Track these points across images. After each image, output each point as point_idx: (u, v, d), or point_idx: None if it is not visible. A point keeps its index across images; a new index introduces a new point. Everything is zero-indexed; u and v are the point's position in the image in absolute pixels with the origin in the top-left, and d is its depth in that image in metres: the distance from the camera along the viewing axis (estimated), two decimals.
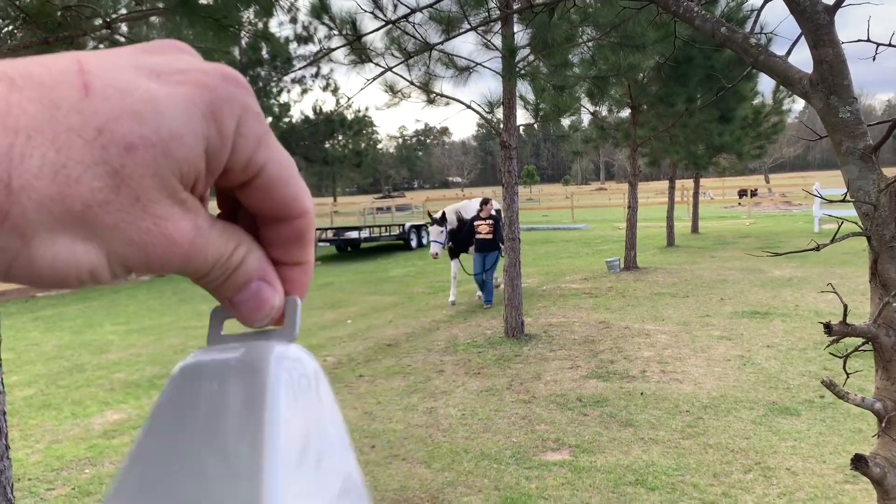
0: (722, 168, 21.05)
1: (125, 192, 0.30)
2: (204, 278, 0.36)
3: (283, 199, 0.37)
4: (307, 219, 0.39)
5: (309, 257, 0.41)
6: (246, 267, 0.37)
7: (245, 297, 0.38)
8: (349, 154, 27.01)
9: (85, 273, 0.31)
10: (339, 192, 52.25)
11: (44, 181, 0.28)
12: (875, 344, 1.64)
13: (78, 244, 0.30)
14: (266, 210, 0.37)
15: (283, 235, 0.39)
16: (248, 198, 0.37)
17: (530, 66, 8.66)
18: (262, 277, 0.38)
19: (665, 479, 4.52)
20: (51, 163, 0.28)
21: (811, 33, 1.58)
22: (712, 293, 10.88)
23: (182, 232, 0.32)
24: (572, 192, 44.27)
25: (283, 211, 0.37)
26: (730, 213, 31.77)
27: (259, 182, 0.35)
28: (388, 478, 4.73)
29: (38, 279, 0.30)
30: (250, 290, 0.38)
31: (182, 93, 0.31)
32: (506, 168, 8.55)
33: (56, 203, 0.28)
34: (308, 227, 0.39)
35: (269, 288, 0.38)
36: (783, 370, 6.65)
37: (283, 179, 0.36)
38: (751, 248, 16.12)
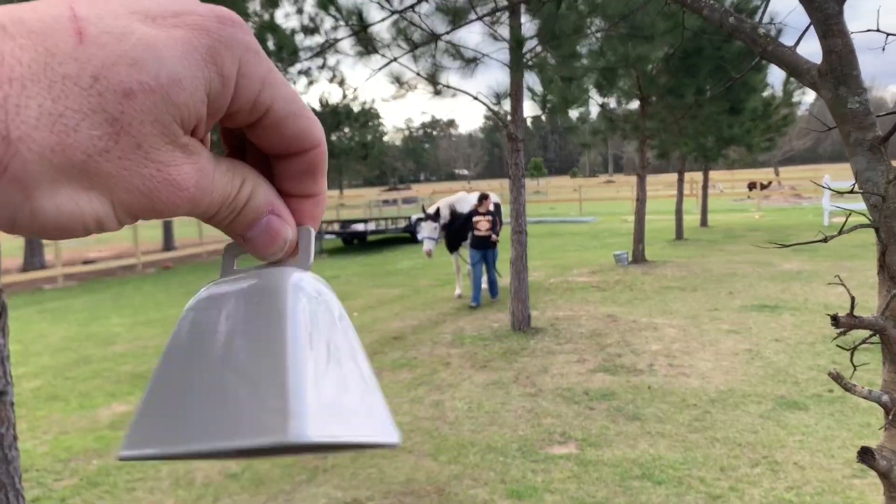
0: (731, 160, 20.95)
1: (125, 140, 0.30)
2: (213, 218, 0.36)
3: (294, 134, 0.36)
4: (320, 150, 0.39)
5: (321, 189, 0.41)
6: (255, 202, 0.37)
7: (257, 232, 0.38)
8: (355, 146, 27.00)
9: (91, 222, 0.30)
10: (346, 185, 52.34)
11: (42, 131, 0.28)
12: (882, 336, 1.62)
13: (81, 194, 0.29)
14: (278, 147, 0.37)
15: (296, 169, 0.39)
16: (258, 137, 0.37)
17: (538, 57, 8.61)
18: (273, 211, 0.38)
19: (672, 473, 4.50)
20: (48, 112, 0.28)
21: (820, 23, 1.56)
22: (721, 287, 10.83)
23: (186, 176, 0.32)
24: (580, 184, 44.14)
25: (296, 146, 0.37)
26: (739, 206, 31.62)
27: (268, 121, 0.35)
28: (394, 470, 4.73)
29: (42, 231, 0.30)
30: (261, 225, 0.38)
31: (180, 36, 0.31)
32: (513, 160, 8.52)
33: (56, 153, 0.28)
34: (321, 159, 0.39)
35: (279, 221, 0.38)
36: (792, 364, 6.61)
37: (293, 115, 0.36)
38: (760, 241, 16.04)
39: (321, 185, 0.41)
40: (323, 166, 0.40)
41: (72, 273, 16.41)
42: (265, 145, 0.37)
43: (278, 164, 0.39)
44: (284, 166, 0.39)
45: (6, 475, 3.54)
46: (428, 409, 5.93)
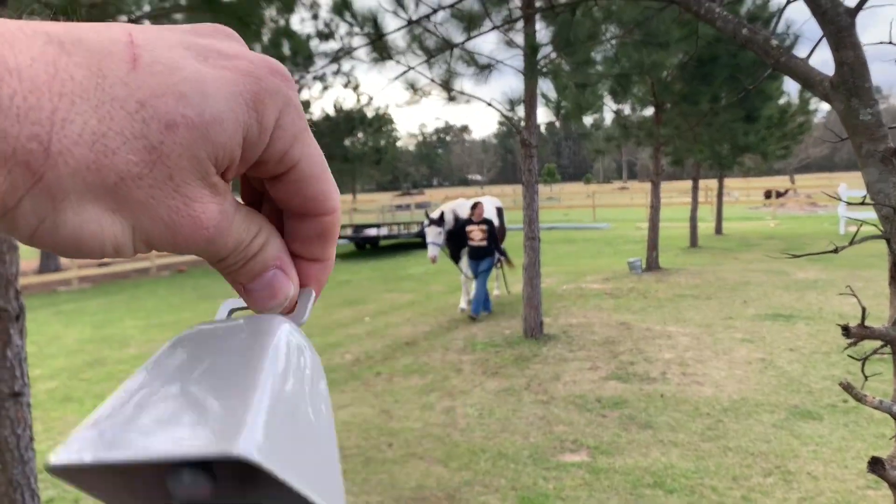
0: (746, 168, 20.85)
1: (160, 169, 0.30)
2: (222, 262, 0.36)
3: (313, 195, 0.37)
4: (334, 217, 0.39)
5: (330, 255, 0.41)
6: (264, 254, 0.37)
7: (260, 285, 0.38)
8: (369, 151, 27.07)
9: (108, 245, 0.31)
10: (359, 190, 52.55)
11: (82, 148, 0.28)
12: (894, 347, 1.61)
13: (106, 215, 0.30)
14: (294, 205, 0.37)
15: (307, 231, 0.39)
16: (278, 191, 0.37)
17: (552, 63, 8.62)
18: (280, 266, 0.38)
19: (684, 482, 4.49)
20: (91, 131, 0.28)
21: (832, 35, 1.56)
22: (735, 295, 10.78)
23: (209, 215, 0.32)
24: (594, 190, 44.07)
25: (312, 207, 0.37)
26: (754, 214, 31.44)
27: (292, 177, 0.35)
28: (405, 476, 4.74)
29: (61, 246, 0.30)
30: (265, 279, 0.38)
31: (228, 78, 0.32)
32: (526, 166, 8.52)
33: (91, 172, 0.28)
34: (333, 226, 0.39)
35: (284, 277, 0.38)
36: (806, 374, 6.57)
37: (316, 176, 0.36)
38: (775, 249, 15.95)
39: (330, 251, 0.41)
40: (335, 233, 0.40)
41: (86, 276, 16.56)
42: (284, 200, 0.37)
43: (292, 223, 0.39)
44: (298, 227, 0.39)
45: (22, 475, 3.58)
46: (439, 415, 5.93)
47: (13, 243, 3.55)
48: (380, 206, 34.99)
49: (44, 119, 0.27)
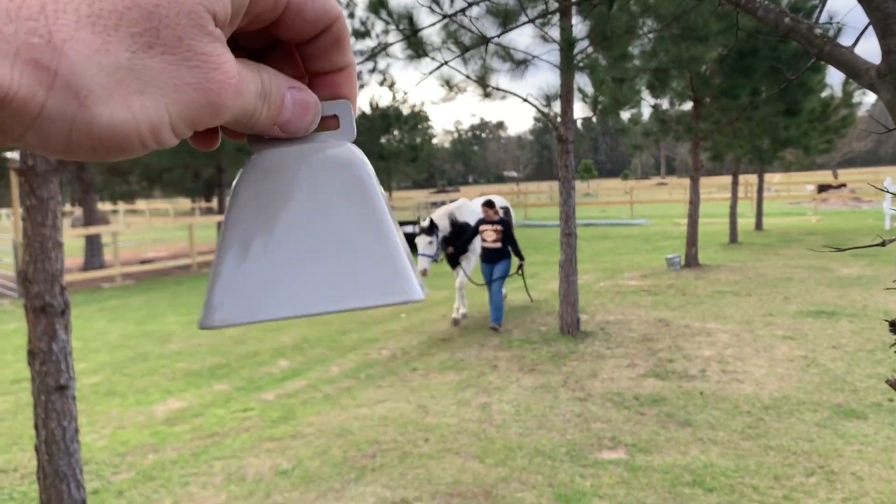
0: (788, 163, 20.42)
1: (166, 33, 0.30)
2: (254, 115, 0.37)
3: (315, 15, 0.38)
4: (340, 21, 0.40)
5: (350, 59, 0.43)
6: (277, 87, 0.38)
7: (288, 110, 0.39)
8: (404, 149, 27.15)
9: (146, 132, 0.31)
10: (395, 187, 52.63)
11: (84, 32, 0.28)
12: None
13: (134, 98, 0.30)
14: (304, 32, 0.39)
15: (323, 45, 0.40)
16: (285, 30, 0.39)
17: (589, 58, 8.54)
18: (292, 87, 0.40)
19: (724, 481, 4.42)
20: (86, 15, 0.28)
21: (879, 23, 1.52)
22: (776, 292, 10.58)
23: (229, 66, 0.33)
24: (631, 186, 43.57)
25: (321, 24, 0.39)
26: (795, 209, 30.83)
27: (292, 11, 0.37)
28: (441, 471, 4.75)
29: (99, 144, 0.30)
30: (289, 103, 0.39)
31: None
32: (562, 162, 8.47)
33: (101, 53, 0.29)
34: (343, 29, 0.41)
35: (301, 92, 0.40)
36: (850, 372, 6.42)
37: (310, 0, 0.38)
38: (817, 245, 15.61)
39: (349, 55, 0.42)
40: (347, 36, 0.41)
41: (129, 272, 16.89)
42: (292, 35, 0.39)
43: (306, 48, 0.41)
44: (312, 48, 0.41)
45: (68, 467, 3.67)
46: (475, 411, 5.93)
47: (58, 240, 3.64)
48: (416, 203, 35.08)
49: (35, 13, 0.27)
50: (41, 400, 3.57)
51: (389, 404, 6.21)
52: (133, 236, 30.46)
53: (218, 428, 5.79)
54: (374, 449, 5.19)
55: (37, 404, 3.60)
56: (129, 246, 25.17)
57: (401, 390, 6.61)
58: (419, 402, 6.22)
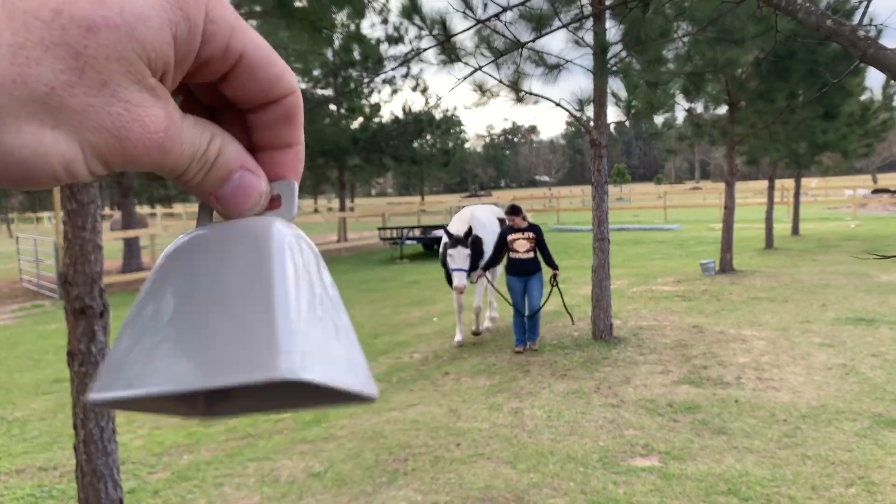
0: (825, 167, 20.06)
1: (90, 75, 0.29)
2: (184, 175, 0.35)
3: (268, 80, 0.36)
4: (295, 97, 0.38)
5: (299, 138, 0.40)
6: (225, 157, 0.36)
7: (230, 188, 0.37)
8: (437, 153, 27.24)
9: (58, 165, 0.30)
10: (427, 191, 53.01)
11: (2, 63, 0.27)
12: None
13: (46, 132, 0.29)
14: (254, 96, 0.37)
15: (272, 117, 0.38)
16: (233, 88, 0.36)
17: (622, 62, 8.49)
18: (244, 166, 0.38)
19: (759, 490, 4.35)
20: (7, 44, 0.28)
21: None
22: (813, 298, 10.39)
23: (156, 119, 0.32)
24: (665, 191, 43.16)
25: (272, 92, 0.37)
26: (833, 214, 30.26)
27: (242, 68, 0.35)
28: (472, 476, 4.74)
29: (4, 170, 0.29)
30: (234, 181, 0.37)
31: None
32: (595, 167, 8.42)
33: (18, 85, 0.28)
34: (296, 106, 0.39)
35: (252, 175, 0.38)
36: (890, 380, 6.28)
37: (265, 61, 0.36)
38: (856, 251, 15.29)
39: (298, 134, 0.40)
40: (299, 114, 0.39)
41: None
42: (241, 96, 0.37)
43: (254, 116, 0.39)
44: (260, 117, 0.38)
45: (105, 466, 3.74)
46: (507, 416, 5.92)
47: (98, 243, 3.71)
48: (447, 207, 35.13)
49: None
50: (80, 400, 3.64)
51: (421, 408, 6.22)
52: (170, 239, 30.75)
53: (252, 430, 5.85)
54: (405, 453, 5.20)
55: (76, 404, 3.67)
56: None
57: (432, 394, 6.62)
58: (451, 407, 6.22)
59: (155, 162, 0.33)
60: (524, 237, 7.93)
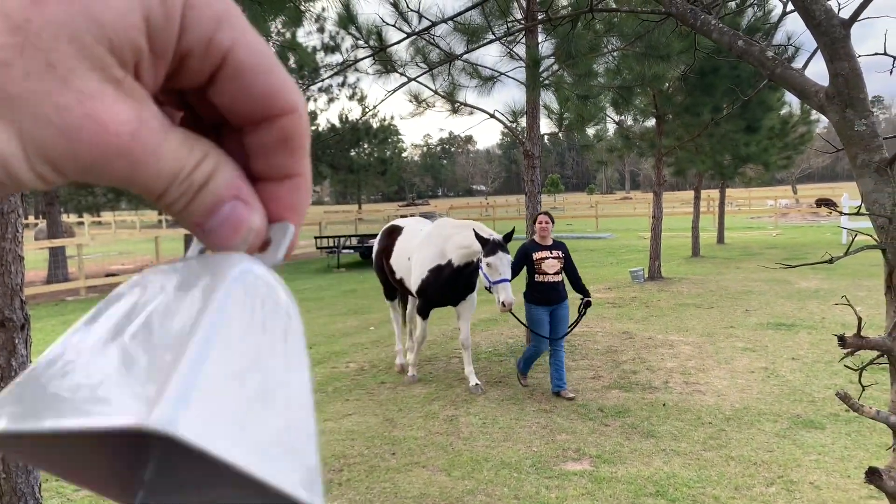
0: (748, 178, 20.86)
1: (33, 54, 0.24)
2: (163, 197, 0.29)
3: (263, 91, 0.30)
4: (296, 118, 0.32)
5: (302, 169, 0.34)
6: (216, 184, 0.31)
7: (218, 221, 0.31)
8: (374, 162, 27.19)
9: None
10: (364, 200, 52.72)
11: None
12: (890, 357, 1.64)
13: None
14: (244, 109, 0.31)
15: (268, 139, 0.32)
16: (223, 95, 0.30)
17: (554, 75, 8.68)
18: (237, 195, 0.31)
19: (686, 491, 4.50)
20: None
21: (827, 47, 1.60)
22: (737, 304, 10.78)
23: (117, 118, 0.26)
24: (597, 201, 44.09)
25: (266, 107, 0.31)
26: (756, 223, 31.44)
27: (230, 70, 0.29)
28: (407, 484, 4.75)
29: None
30: (223, 213, 0.31)
31: None
32: (529, 177, 8.56)
33: None
34: (298, 129, 0.32)
35: (245, 207, 0.32)
36: (808, 383, 6.57)
37: (260, 67, 0.30)
38: (777, 258, 15.94)
39: (301, 163, 0.33)
40: (303, 139, 0.33)
41: (94, 285, 16.62)
42: (229, 106, 0.31)
43: (248, 136, 0.32)
44: (255, 138, 0.32)
45: (26, 484, 3.61)
46: (442, 423, 5.95)
47: (19, 254, 3.59)
48: (385, 216, 35.05)
49: None
50: None
51: (356, 418, 6.19)
52: (98, 249, 29.92)
53: None
54: (340, 463, 5.18)
55: None
56: (95, 258, 24.73)
57: (368, 404, 6.60)
58: (386, 416, 6.22)
59: (121, 174, 0.27)
60: (553, 256, 6.56)
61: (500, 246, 6.15)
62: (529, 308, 6.58)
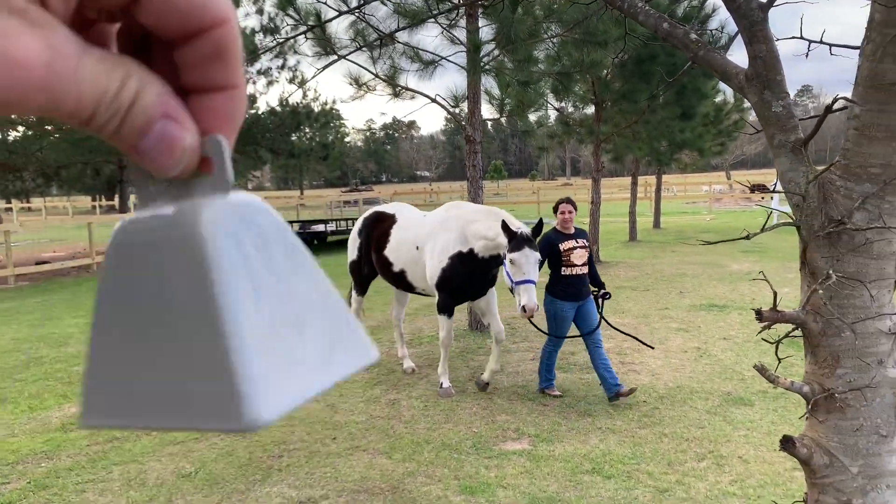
0: (684, 164, 21.36)
1: None
2: (92, 122, 0.29)
3: (189, 4, 0.30)
4: (228, 28, 0.31)
5: (236, 80, 0.33)
6: (143, 102, 0.30)
7: (151, 142, 0.31)
8: (316, 147, 26.82)
9: None
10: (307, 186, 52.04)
11: None
12: (804, 330, 1.72)
13: None
14: (172, 23, 0.30)
15: (199, 53, 0.31)
16: (146, 12, 0.30)
17: (495, 60, 8.71)
18: (167, 113, 0.31)
19: (621, 468, 4.61)
20: None
21: (746, 30, 1.65)
22: (672, 287, 11.06)
23: (27, 51, 0.25)
24: (539, 187, 44.53)
25: (195, 20, 0.30)
26: (691, 209, 32.25)
27: None
28: (348, 469, 4.75)
29: None
30: (155, 133, 0.31)
31: None
32: (470, 162, 8.60)
33: None
34: (230, 39, 0.32)
35: (176, 125, 0.31)
36: (738, 361, 6.80)
37: None
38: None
39: (235, 74, 0.33)
40: (234, 50, 0.32)
41: (24, 273, 16.04)
42: (156, 23, 0.30)
43: (179, 51, 0.32)
44: (186, 53, 0.32)
45: None
46: (384, 408, 5.96)
47: None
48: (327, 201, 34.73)
49: None
50: None
51: None
52: (28, 236, 28.86)
53: (117, 432, 5.60)
54: (280, 449, 5.14)
55: None
56: (24, 246, 23.85)
57: None
58: (328, 401, 6.19)
59: (43, 105, 0.26)
60: (580, 245, 6.01)
61: (527, 241, 5.45)
62: (553, 304, 5.97)
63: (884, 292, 1.57)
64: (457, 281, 5.92)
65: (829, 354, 1.59)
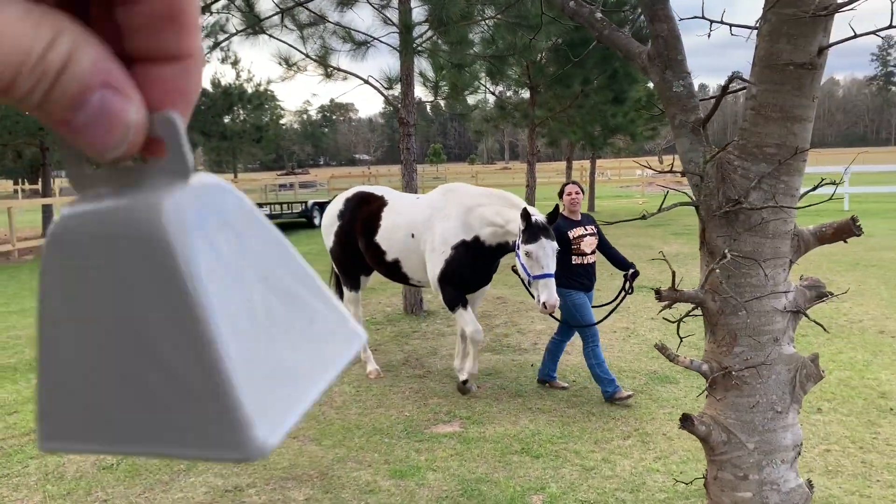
0: (618, 149, 21.73)
1: None
2: (13, 90, 0.23)
3: None
4: None
5: (193, 49, 0.28)
6: (77, 68, 0.24)
7: (87, 116, 0.25)
8: (249, 129, 26.32)
9: None
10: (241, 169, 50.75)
11: None
12: (703, 309, 1.75)
13: None
14: None
15: (149, 14, 0.26)
16: None
17: (428, 42, 8.65)
18: (106, 83, 0.25)
19: (549, 447, 4.67)
20: None
21: (647, 8, 1.66)
22: (603, 269, 11.21)
23: None
24: (477, 171, 44.74)
25: None
26: (625, 192, 32.88)
27: None
28: (277, 456, 4.69)
29: None
30: (92, 105, 0.25)
31: None
32: (405, 145, 8.54)
33: None
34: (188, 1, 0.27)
35: (118, 97, 0.25)
36: (665, 341, 6.92)
37: None
38: (642, 225, 16.73)
39: (188, 41, 0.27)
40: (191, 11, 0.27)
41: None
42: None
43: (123, 10, 0.26)
44: (131, 12, 0.26)
45: None
46: None
47: None
48: (262, 185, 34.11)
49: None
50: None
51: None
52: None
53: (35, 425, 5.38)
54: None
55: None
56: None
57: None
58: None
59: None
60: (589, 232, 5.68)
61: (543, 231, 4.95)
62: (571, 295, 5.56)
63: (779, 271, 1.60)
64: (463, 272, 5.45)
65: (727, 333, 1.63)
